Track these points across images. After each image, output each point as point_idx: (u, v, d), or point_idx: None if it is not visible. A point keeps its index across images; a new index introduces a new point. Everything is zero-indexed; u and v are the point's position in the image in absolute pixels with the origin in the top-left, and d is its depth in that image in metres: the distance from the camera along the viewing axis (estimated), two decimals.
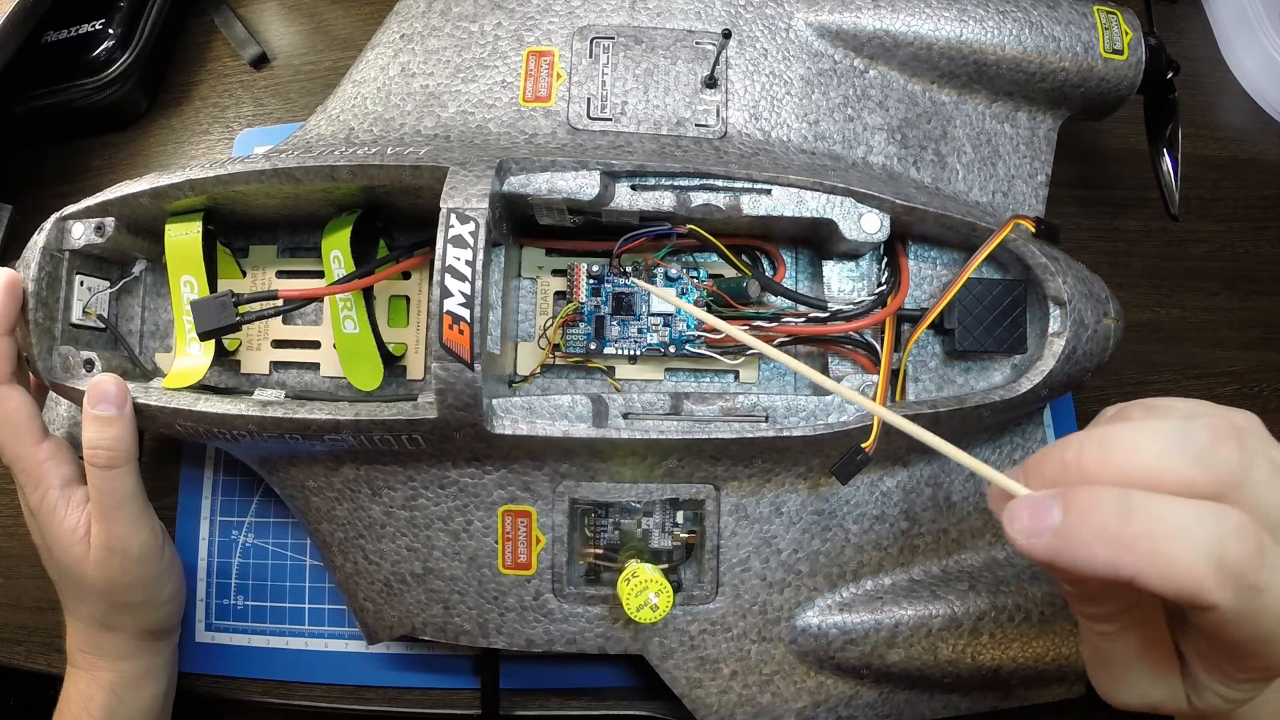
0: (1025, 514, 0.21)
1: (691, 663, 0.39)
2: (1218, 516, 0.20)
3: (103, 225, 0.38)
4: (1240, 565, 0.19)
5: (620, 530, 0.38)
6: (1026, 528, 0.21)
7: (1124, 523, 0.20)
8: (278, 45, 0.53)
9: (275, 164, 0.36)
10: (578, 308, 0.39)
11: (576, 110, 0.39)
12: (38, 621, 0.47)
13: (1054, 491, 0.21)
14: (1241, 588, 0.19)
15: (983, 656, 0.38)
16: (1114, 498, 0.20)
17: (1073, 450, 0.21)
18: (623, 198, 0.36)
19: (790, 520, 0.38)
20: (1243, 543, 0.19)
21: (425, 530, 0.38)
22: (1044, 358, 0.37)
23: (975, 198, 0.41)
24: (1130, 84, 0.41)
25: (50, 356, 0.37)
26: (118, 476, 0.36)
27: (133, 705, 0.39)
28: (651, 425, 0.37)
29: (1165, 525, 0.19)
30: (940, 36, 0.39)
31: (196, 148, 0.51)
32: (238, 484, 0.46)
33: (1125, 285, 0.49)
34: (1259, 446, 0.21)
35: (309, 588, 0.45)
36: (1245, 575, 0.19)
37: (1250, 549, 0.19)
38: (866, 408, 0.28)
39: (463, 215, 0.32)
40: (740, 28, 0.40)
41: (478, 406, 0.33)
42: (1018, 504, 0.21)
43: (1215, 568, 0.19)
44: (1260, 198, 0.52)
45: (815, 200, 0.36)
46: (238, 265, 0.42)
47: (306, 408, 0.35)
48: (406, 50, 0.41)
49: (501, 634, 0.38)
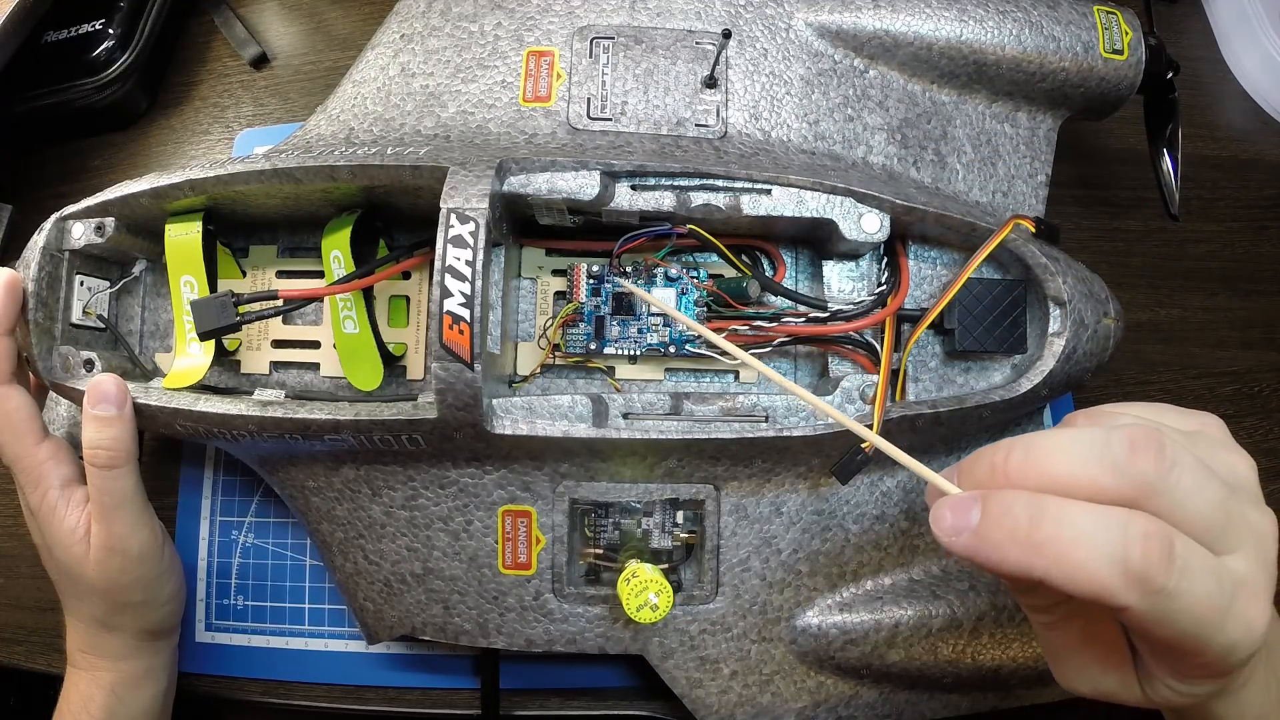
0: (949, 513, 0.22)
1: (691, 663, 0.39)
2: (1123, 523, 0.20)
3: (103, 225, 0.38)
4: (1144, 569, 0.20)
5: (620, 530, 0.38)
6: (949, 526, 0.22)
7: (1034, 526, 0.21)
8: (278, 45, 0.53)
9: (275, 164, 0.36)
10: (578, 308, 0.39)
11: (576, 110, 0.39)
12: (38, 621, 0.47)
13: (976, 493, 0.22)
14: (1148, 591, 0.20)
15: (983, 656, 0.38)
16: (1026, 502, 0.21)
17: (1001, 455, 0.22)
18: (623, 198, 0.36)
19: (790, 520, 0.38)
20: (1147, 548, 0.20)
21: (425, 530, 0.38)
22: (1044, 358, 0.37)
23: (975, 198, 0.41)
24: (1130, 84, 0.41)
25: (50, 356, 0.37)
26: (118, 476, 0.36)
27: (133, 705, 0.39)
28: (651, 425, 0.37)
29: (1071, 530, 0.20)
30: (940, 36, 0.39)
31: (196, 148, 0.51)
32: (238, 484, 0.46)
33: (1125, 285, 0.49)
34: (1183, 453, 0.22)
35: (309, 588, 0.45)
36: (1151, 579, 0.20)
37: (1155, 554, 0.20)
38: (831, 414, 0.28)
39: (463, 215, 0.32)
40: (740, 28, 0.40)
41: (478, 406, 0.33)
42: (943, 503, 0.22)
43: (1121, 571, 0.20)
44: (1260, 198, 0.52)
45: (815, 200, 0.36)
46: (238, 265, 0.42)
47: (306, 408, 0.35)
48: (406, 50, 0.41)
49: (501, 634, 0.38)
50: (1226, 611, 0.21)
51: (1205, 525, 0.21)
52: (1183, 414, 0.25)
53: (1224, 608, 0.21)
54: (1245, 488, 0.24)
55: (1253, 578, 0.22)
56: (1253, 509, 0.23)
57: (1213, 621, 0.21)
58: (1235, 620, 0.21)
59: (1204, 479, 0.22)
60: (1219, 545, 0.22)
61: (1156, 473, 0.21)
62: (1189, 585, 0.20)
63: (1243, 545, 0.22)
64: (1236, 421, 0.48)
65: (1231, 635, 0.21)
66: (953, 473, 0.24)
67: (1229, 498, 0.22)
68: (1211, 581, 0.21)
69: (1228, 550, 0.22)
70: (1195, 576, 0.21)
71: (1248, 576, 0.22)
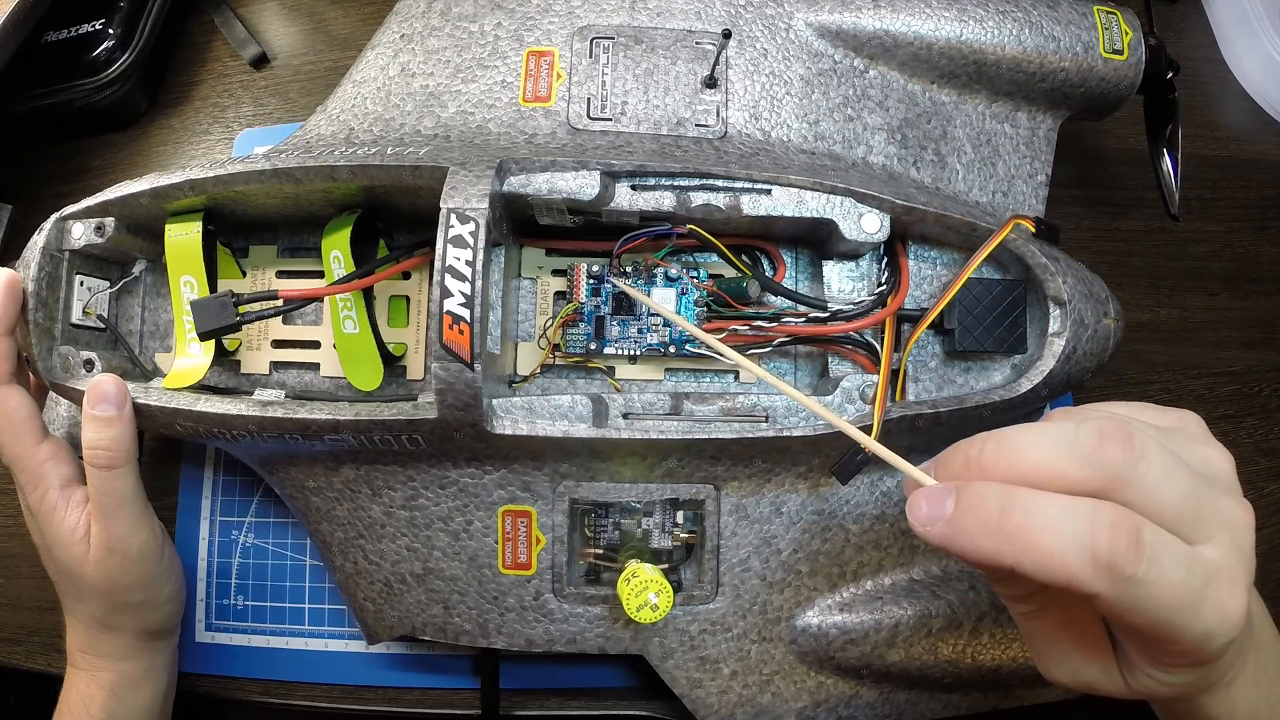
0: (924, 503, 0.23)
1: (691, 663, 0.39)
2: (1091, 512, 0.21)
3: (103, 225, 0.38)
4: (1111, 557, 0.21)
5: (620, 530, 0.38)
6: (923, 516, 0.23)
7: (1004, 516, 0.21)
8: (278, 45, 0.53)
9: (275, 164, 0.36)
10: (578, 308, 0.39)
11: (576, 110, 0.39)
12: (38, 621, 0.47)
13: (950, 485, 0.23)
14: (1117, 578, 0.21)
15: (983, 656, 0.38)
16: (997, 493, 0.22)
17: (975, 448, 0.23)
18: (623, 198, 0.36)
19: (790, 520, 0.38)
20: (1114, 536, 0.21)
21: (425, 530, 0.38)
22: (1044, 358, 0.37)
23: (975, 198, 0.41)
24: (1130, 84, 0.41)
25: (50, 356, 0.37)
26: (117, 477, 0.36)
27: (133, 705, 0.39)
28: (651, 425, 0.37)
29: (1040, 519, 0.21)
30: (940, 36, 0.39)
31: (196, 148, 0.51)
32: (238, 484, 0.46)
33: (1125, 285, 0.49)
34: (1151, 444, 0.22)
35: (309, 588, 0.45)
36: (1119, 567, 0.21)
37: (1123, 542, 0.21)
38: (834, 422, 0.28)
39: (463, 215, 0.32)
40: (740, 28, 0.40)
41: (478, 406, 0.33)
42: (919, 494, 0.23)
43: (1089, 560, 0.21)
44: (1260, 198, 0.52)
45: (815, 200, 0.36)
46: (238, 265, 0.42)
47: (306, 408, 0.35)
48: (406, 50, 0.41)
49: (501, 634, 0.38)
50: (1199, 598, 0.22)
51: (1175, 514, 0.22)
52: (1161, 411, 0.26)
53: (1197, 595, 0.22)
54: (1220, 479, 0.24)
55: (1228, 566, 0.22)
56: (1227, 499, 0.23)
57: (1185, 608, 0.21)
58: (1209, 607, 0.22)
59: (1172, 468, 0.22)
60: (1191, 534, 0.22)
61: (1125, 462, 0.22)
62: (1158, 573, 0.21)
63: (1217, 535, 0.22)
64: (1236, 421, 0.48)
65: (1207, 622, 0.22)
66: (930, 466, 0.25)
67: (1200, 487, 0.23)
68: (1182, 569, 0.21)
69: (1201, 539, 0.22)
70: (1165, 564, 0.21)
71: (1222, 565, 0.22)
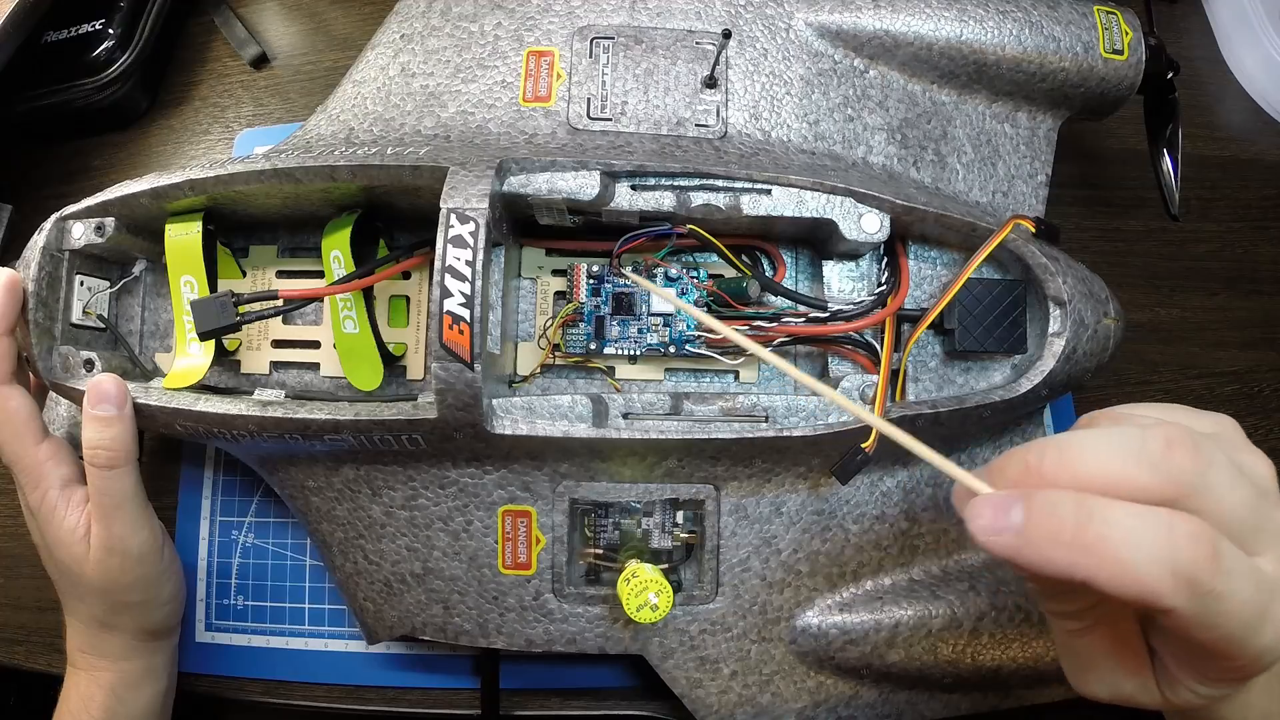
0: (988, 511, 0.21)
1: (691, 663, 0.39)
2: (1170, 523, 0.20)
3: (103, 225, 0.38)
4: (1193, 571, 0.20)
5: (620, 530, 0.38)
6: (988, 525, 0.21)
7: (1081, 527, 0.20)
8: (278, 45, 0.53)
9: (275, 164, 0.36)
10: (578, 308, 0.39)
11: (576, 110, 0.39)
12: (38, 621, 0.47)
13: (1017, 492, 0.21)
14: (1196, 593, 0.20)
15: (983, 656, 0.38)
16: (1072, 502, 0.20)
17: (1034, 454, 0.22)
18: (623, 198, 0.36)
19: (790, 520, 0.38)
20: (1195, 549, 0.20)
21: (425, 530, 0.38)
22: (1044, 358, 0.37)
23: (975, 198, 0.41)
24: (1130, 84, 0.41)
25: (50, 356, 0.37)
26: (117, 477, 0.36)
27: (133, 705, 0.39)
28: (651, 425, 0.37)
29: (1119, 531, 0.20)
30: (940, 36, 0.39)
31: (196, 148, 0.51)
32: (238, 484, 0.46)
33: (1125, 285, 0.49)
34: (1217, 453, 0.21)
35: (309, 588, 0.45)
36: (1200, 581, 0.20)
37: (1203, 555, 0.20)
38: (857, 414, 0.28)
39: (463, 215, 0.32)
40: (740, 28, 0.40)
41: (478, 406, 0.33)
42: (981, 501, 0.22)
43: (1169, 573, 0.20)
44: (1260, 198, 0.52)
45: (815, 200, 0.36)
46: (238, 265, 0.42)
47: (306, 408, 0.35)
48: (406, 50, 0.41)
49: (501, 634, 0.38)
50: (1265, 613, 0.21)
51: (1239, 526, 0.21)
52: (1198, 415, 0.25)
53: (1264, 610, 0.21)
54: (1269, 489, 0.23)
55: None
56: (1277, 510, 0.23)
57: (1253, 624, 0.21)
58: (1271, 623, 0.21)
59: (1236, 478, 0.21)
60: (1249, 546, 0.21)
61: (1195, 470, 0.21)
62: (1233, 587, 0.20)
63: (1272, 547, 0.22)
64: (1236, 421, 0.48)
65: (1268, 638, 0.21)
66: (982, 473, 0.23)
67: (1259, 498, 0.22)
68: (1252, 584, 0.21)
69: (1257, 552, 0.22)
70: (1238, 578, 0.20)
71: (1276, 578, 0.21)
